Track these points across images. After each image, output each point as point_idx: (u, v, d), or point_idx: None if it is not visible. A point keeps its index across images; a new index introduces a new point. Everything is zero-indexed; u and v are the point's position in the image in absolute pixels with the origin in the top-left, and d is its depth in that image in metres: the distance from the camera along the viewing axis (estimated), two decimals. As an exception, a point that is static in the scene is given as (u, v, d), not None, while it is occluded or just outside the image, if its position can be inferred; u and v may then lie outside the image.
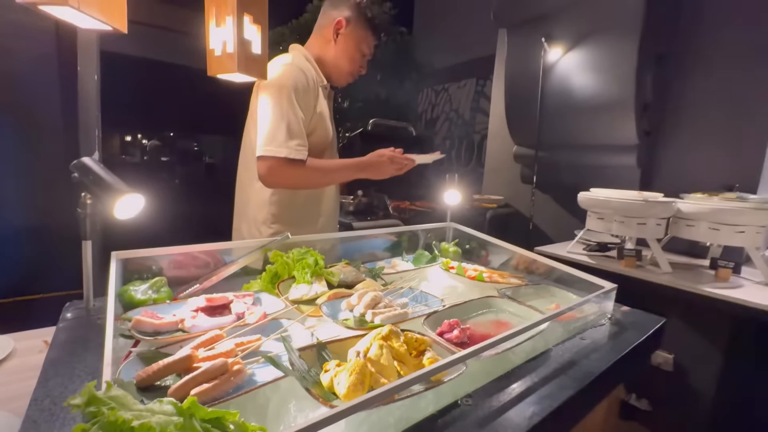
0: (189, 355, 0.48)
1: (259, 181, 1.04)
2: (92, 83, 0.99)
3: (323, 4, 1.22)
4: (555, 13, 1.82)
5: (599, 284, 0.83)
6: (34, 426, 0.40)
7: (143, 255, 0.72)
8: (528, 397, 0.52)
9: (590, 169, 2.01)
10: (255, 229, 1.12)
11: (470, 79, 4.87)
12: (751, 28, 1.60)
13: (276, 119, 1.00)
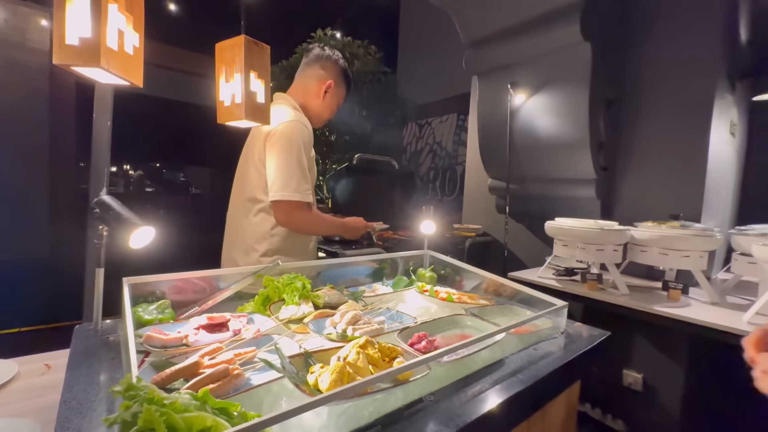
0: (197, 361, 0.57)
1: (258, 216, 1.22)
2: (105, 129, 1.11)
3: (308, 57, 1.42)
4: (518, 63, 2.06)
5: (553, 302, 0.96)
6: (67, 421, 0.49)
7: (149, 281, 0.81)
8: (481, 394, 0.63)
9: (556, 200, 2.19)
10: (254, 260, 1.23)
11: (452, 114, 5.19)
12: (683, 82, 1.86)
13: (289, 169, 1.19)
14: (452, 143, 5.23)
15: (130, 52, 0.84)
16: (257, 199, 1.25)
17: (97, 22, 0.75)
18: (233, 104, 1.00)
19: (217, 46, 1.06)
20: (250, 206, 1.26)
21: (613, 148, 2.06)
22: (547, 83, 1.98)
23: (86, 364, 0.64)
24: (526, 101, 2.09)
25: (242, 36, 0.99)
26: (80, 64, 0.77)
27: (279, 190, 1.18)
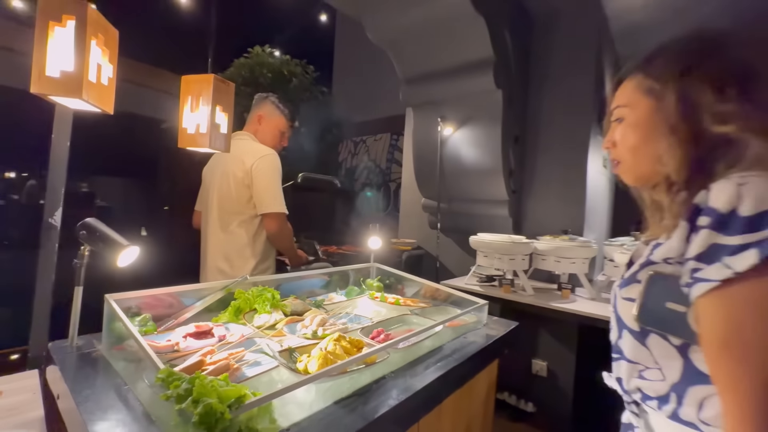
0: (200, 360, 0.68)
1: (240, 227, 1.50)
2: (64, 150, 1.11)
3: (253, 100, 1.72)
4: (446, 101, 2.42)
5: (477, 302, 1.21)
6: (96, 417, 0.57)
7: (130, 296, 0.87)
8: (426, 370, 0.83)
9: (478, 217, 2.57)
10: (241, 262, 1.49)
11: (385, 134, 5.52)
12: (568, 125, 2.37)
13: (277, 189, 1.53)
14: (386, 161, 5.52)
15: (105, 83, 0.92)
16: (238, 213, 1.51)
17: (81, 57, 0.82)
18: (197, 132, 1.10)
19: (183, 78, 1.15)
20: (230, 219, 1.52)
21: (521, 175, 2.51)
22: (469, 119, 2.36)
23: (83, 374, 0.70)
24: (453, 133, 2.45)
25: (211, 75, 1.11)
26: (61, 95, 0.83)
27: (271, 206, 1.49)
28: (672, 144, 0.53)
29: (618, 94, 0.63)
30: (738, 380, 0.41)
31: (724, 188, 0.45)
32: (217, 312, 1.05)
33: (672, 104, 0.53)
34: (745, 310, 0.41)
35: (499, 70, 2.13)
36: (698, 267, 0.45)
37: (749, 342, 0.40)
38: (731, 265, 0.42)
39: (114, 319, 0.79)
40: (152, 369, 0.64)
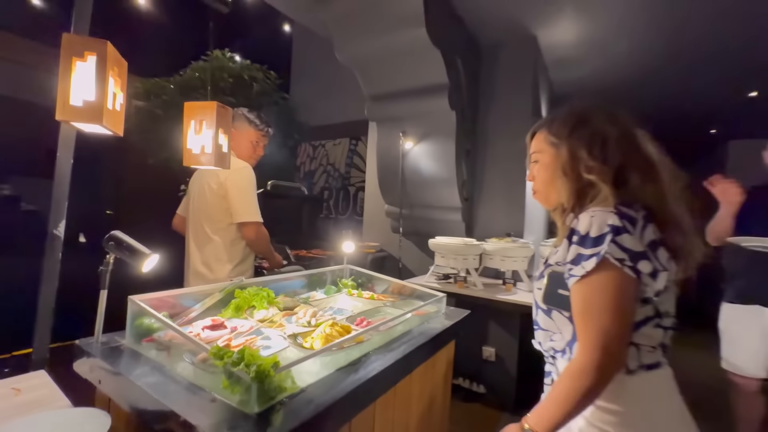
0: (227, 344, 0.86)
1: (216, 234, 1.64)
2: (68, 166, 1.20)
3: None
4: (407, 118, 2.69)
5: (436, 295, 1.47)
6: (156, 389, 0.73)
7: (146, 298, 1.01)
8: (400, 347, 1.07)
9: (436, 222, 2.87)
10: (219, 266, 1.66)
11: (345, 138, 5.66)
12: (509, 141, 2.75)
13: (252, 199, 1.67)
14: (345, 165, 5.67)
15: (118, 109, 1.05)
16: (215, 221, 1.66)
17: (101, 88, 0.96)
18: (202, 153, 1.26)
19: (186, 104, 1.30)
20: (207, 227, 1.67)
21: (472, 185, 2.85)
22: (427, 135, 2.65)
23: (123, 363, 0.85)
24: (413, 147, 2.72)
25: (214, 102, 1.26)
26: (83, 122, 0.96)
27: (246, 215, 1.63)
28: (564, 182, 0.80)
29: (534, 142, 0.90)
30: (586, 329, 0.69)
31: (584, 218, 0.73)
32: (217, 311, 1.20)
33: (564, 155, 0.80)
34: (592, 291, 0.69)
35: (452, 93, 2.44)
36: (571, 268, 0.72)
37: (593, 307, 0.69)
38: (585, 267, 0.69)
39: (141, 316, 0.93)
40: (193, 351, 0.81)
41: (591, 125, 0.79)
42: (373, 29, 2.25)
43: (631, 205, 0.72)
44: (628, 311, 0.68)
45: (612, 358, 0.66)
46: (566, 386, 0.68)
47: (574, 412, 0.68)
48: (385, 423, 0.99)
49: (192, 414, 0.65)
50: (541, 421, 0.69)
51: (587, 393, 0.66)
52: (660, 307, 0.72)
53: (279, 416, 0.67)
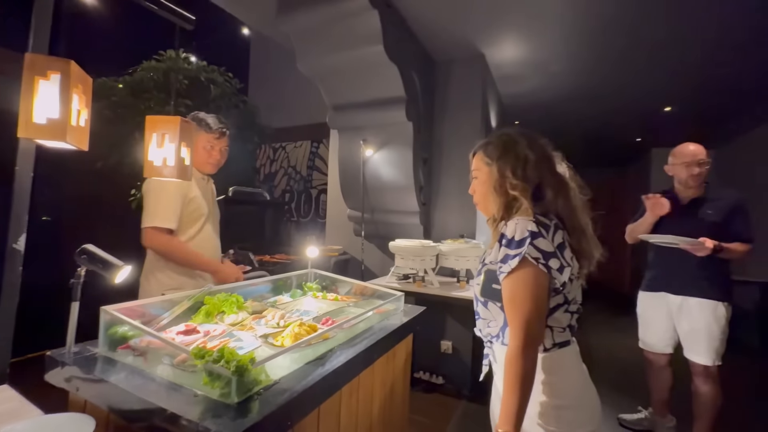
0: (203, 346, 0.93)
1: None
2: (27, 180, 1.19)
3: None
4: (368, 127, 2.83)
5: (395, 294, 1.62)
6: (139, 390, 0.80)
7: (118, 308, 1.05)
8: (363, 341, 1.19)
9: (395, 225, 3.03)
10: (151, 277, 1.60)
11: (306, 141, 5.67)
12: (461, 150, 2.98)
13: (151, 204, 1.54)
14: (307, 168, 5.68)
15: (83, 125, 1.09)
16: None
17: (65, 106, 1.00)
18: (164, 165, 1.31)
19: (148, 118, 1.33)
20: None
21: (429, 190, 3.05)
22: (387, 144, 2.81)
23: (100, 369, 0.90)
24: (373, 154, 2.87)
25: (178, 117, 1.32)
26: (47, 139, 0.99)
27: (143, 221, 1.53)
28: (495, 197, 0.97)
29: (474, 160, 1.07)
30: (514, 317, 0.85)
31: (510, 225, 0.90)
32: (187, 318, 1.26)
33: (495, 174, 0.97)
34: (516, 285, 0.85)
35: (409, 105, 2.61)
36: (501, 266, 0.89)
37: (517, 298, 0.86)
38: (511, 265, 0.86)
39: (114, 325, 0.99)
40: (172, 354, 0.88)
41: (515, 150, 0.96)
42: (334, 45, 2.37)
43: (546, 215, 0.90)
44: (543, 300, 0.85)
45: (533, 338, 0.82)
46: (510, 375, 0.80)
47: (526, 393, 0.80)
48: (350, 408, 1.11)
49: (177, 407, 0.74)
50: (508, 418, 0.78)
51: (526, 372, 0.80)
52: (568, 296, 0.91)
53: (256, 404, 0.77)
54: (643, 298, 2.18)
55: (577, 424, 0.88)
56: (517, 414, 0.78)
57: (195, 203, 1.65)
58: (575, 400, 0.90)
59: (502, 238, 0.90)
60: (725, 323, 1.89)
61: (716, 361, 1.89)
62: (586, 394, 0.93)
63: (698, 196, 1.97)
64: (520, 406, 0.79)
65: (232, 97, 5.15)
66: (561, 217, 0.92)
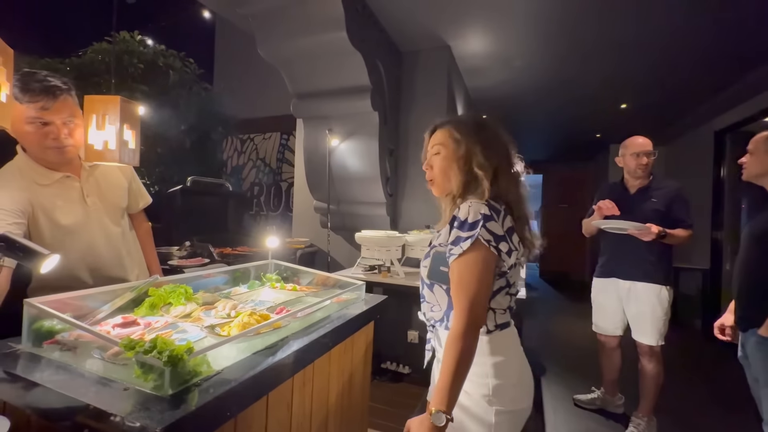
0: (141, 339, 0.88)
1: None
2: None
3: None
4: (333, 116, 2.78)
5: (355, 283, 1.60)
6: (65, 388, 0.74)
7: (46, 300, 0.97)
8: (317, 330, 1.17)
9: (362, 217, 3.01)
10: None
11: (275, 133, 5.51)
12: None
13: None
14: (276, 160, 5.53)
15: (4, 101, 0.99)
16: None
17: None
18: (106, 149, 1.22)
19: (86, 98, 1.24)
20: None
21: (395, 181, 3.04)
22: (353, 134, 2.77)
23: (21, 368, 0.82)
24: (339, 144, 2.82)
25: (118, 97, 1.23)
26: None
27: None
28: (457, 174, 0.97)
29: (437, 135, 1.04)
30: (460, 298, 0.86)
31: (464, 207, 0.90)
32: (129, 311, 1.18)
33: (462, 151, 0.97)
34: (466, 266, 0.86)
35: (374, 95, 2.59)
36: (451, 248, 0.89)
37: (465, 279, 0.86)
38: (463, 246, 0.86)
39: (41, 318, 0.91)
40: (103, 347, 0.82)
41: (486, 132, 0.98)
42: (295, 30, 2.29)
43: (497, 200, 0.92)
44: (488, 283, 0.87)
45: (477, 319, 0.84)
46: (451, 352, 0.81)
47: (463, 373, 0.81)
48: (303, 397, 1.09)
49: (103, 402, 0.68)
50: (442, 398, 0.78)
51: (466, 352, 0.81)
52: (510, 280, 0.94)
53: (194, 395, 0.73)
54: (596, 284, 2.29)
55: (518, 400, 0.93)
56: (450, 394, 0.78)
57: (49, 215, 1.20)
58: (517, 378, 0.94)
59: (454, 220, 0.91)
60: (668, 306, 2.02)
61: (660, 342, 2.01)
62: (525, 372, 0.97)
63: (644, 186, 2.08)
64: (457, 387, 0.80)
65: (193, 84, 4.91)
66: (509, 205, 0.94)
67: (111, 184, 1.40)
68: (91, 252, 1.30)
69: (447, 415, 0.77)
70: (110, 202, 1.39)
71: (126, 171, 1.47)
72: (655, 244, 1.92)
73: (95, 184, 1.34)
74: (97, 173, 1.36)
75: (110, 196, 1.39)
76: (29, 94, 1.11)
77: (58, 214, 1.22)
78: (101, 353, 0.84)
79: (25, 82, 1.11)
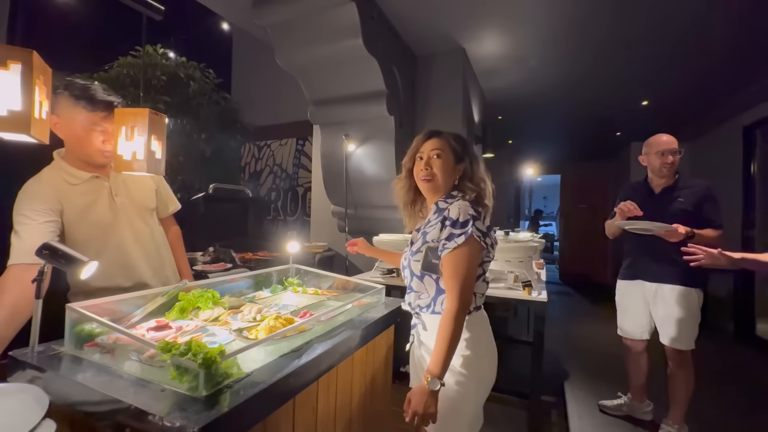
0: (173, 341, 0.91)
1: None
2: None
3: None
4: (349, 122, 2.81)
5: (375, 287, 1.61)
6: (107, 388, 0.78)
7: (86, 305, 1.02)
8: (340, 334, 1.19)
9: (379, 220, 3.03)
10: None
11: (291, 139, 5.61)
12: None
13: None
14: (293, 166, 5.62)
15: (44, 117, 1.05)
16: None
17: (28, 98, 0.96)
18: (134, 159, 1.27)
19: (117, 110, 1.30)
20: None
21: (412, 184, 3.05)
22: (369, 138, 2.80)
23: (66, 368, 0.87)
24: (356, 149, 2.85)
25: (146, 109, 1.28)
26: (10, 131, 0.95)
27: None
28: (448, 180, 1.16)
29: (436, 141, 1.20)
30: (454, 284, 1.02)
31: (454, 208, 1.08)
32: (160, 315, 1.23)
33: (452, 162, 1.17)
34: (459, 259, 1.03)
35: (390, 100, 2.61)
36: (445, 243, 1.06)
37: (458, 269, 1.03)
38: (457, 242, 1.04)
39: (81, 323, 0.95)
40: (140, 350, 0.86)
41: (468, 149, 1.21)
42: (312, 38, 2.34)
43: (477, 203, 1.13)
44: (475, 270, 1.07)
45: (468, 300, 1.04)
46: (446, 329, 0.99)
47: (455, 346, 1.00)
48: (328, 400, 1.11)
49: (143, 402, 0.72)
50: (438, 367, 0.97)
51: (458, 329, 1.00)
52: (485, 268, 1.14)
53: (226, 396, 0.76)
54: (621, 286, 2.23)
55: (487, 371, 1.15)
56: (445, 363, 0.98)
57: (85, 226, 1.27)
58: (487, 351, 1.15)
59: (446, 220, 1.08)
60: (698, 309, 1.95)
61: (690, 346, 1.94)
62: (491, 346, 1.18)
63: (670, 185, 2.02)
64: (449, 358, 0.99)
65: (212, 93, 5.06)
66: (485, 207, 1.16)
67: (138, 185, 1.47)
68: (121, 249, 1.35)
69: (441, 381, 0.97)
70: (138, 201, 1.44)
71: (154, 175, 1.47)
72: (683, 244, 1.86)
73: (123, 185, 1.41)
74: (125, 175, 1.41)
75: (138, 196, 1.45)
76: (94, 104, 1.24)
77: (89, 212, 1.29)
78: (138, 355, 0.88)
79: (93, 94, 1.25)
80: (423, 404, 0.96)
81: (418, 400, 0.97)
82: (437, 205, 1.16)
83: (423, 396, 0.96)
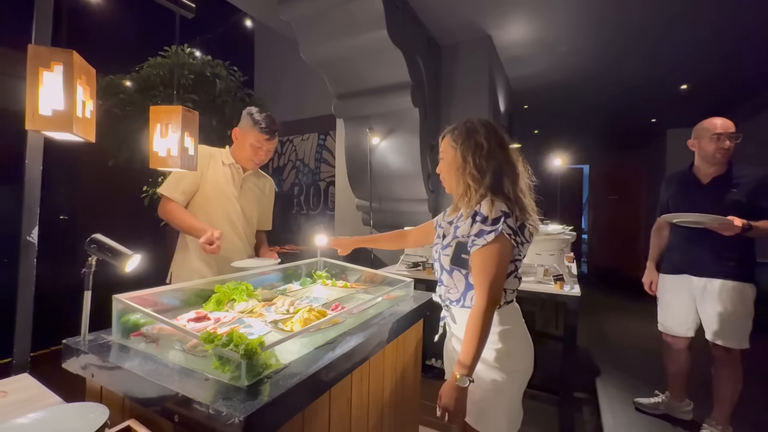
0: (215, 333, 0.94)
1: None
2: (37, 173, 1.20)
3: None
4: (373, 115, 2.79)
5: (404, 280, 1.61)
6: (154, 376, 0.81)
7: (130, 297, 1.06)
8: (373, 326, 1.19)
9: (404, 213, 3.01)
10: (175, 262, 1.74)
11: (313, 134, 5.65)
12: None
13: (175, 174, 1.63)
14: (314, 161, 5.67)
15: (88, 116, 1.09)
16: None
17: (70, 98, 0.99)
18: (168, 155, 1.31)
19: (152, 108, 1.33)
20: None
21: (437, 177, 3.01)
22: (393, 131, 2.77)
23: (115, 356, 0.91)
24: (380, 142, 2.84)
25: (180, 107, 1.31)
26: (53, 130, 0.99)
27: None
28: (457, 178, 1.14)
29: (442, 143, 1.21)
30: (483, 281, 1.01)
31: (485, 205, 1.06)
32: (198, 306, 1.27)
33: (459, 156, 1.12)
34: (489, 255, 1.01)
35: (415, 91, 2.57)
36: (474, 239, 1.04)
37: (488, 266, 1.01)
38: (486, 239, 1.02)
39: (127, 313, 1.00)
40: (183, 340, 0.89)
41: (475, 137, 1.11)
42: (336, 32, 2.33)
43: (509, 199, 1.07)
44: (505, 268, 1.04)
45: (497, 298, 1.02)
46: (474, 326, 0.98)
47: (483, 343, 0.99)
48: (361, 392, 1.11)
49: (189, 390, 0.74)
50: (465, 364, 0.97)
51: (487, 325, 0.99)
52: (518, 265, 1.11)
53: (266, 387, 0.77)
54: (664, 281, 2.13)
55: (521, 361, 1.13)
56: (473, 359, 0.97)
57: (212, 185, 1.68)
58: (519, 343, 1.14)
59: (476, 215, 1.06)
60: (751, 305, 1.83)
61: (742, 345, 1.83)
62: (526, 338, 1.17)
63: (721, 174, 1.89)
64: (478, 354, 0.98)
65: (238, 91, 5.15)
66: (517, 201, 1.08)
67: (261, 188, 1.88)
68: (226, 221, 1.71)
69: (470, 378, 0.97)
70: (253, 198, 1.82)
71: (271, 194, 1.96)
72: (736, 237, 1.74)
73: (252, 181, 1.82)
74: (257, 178, 1.86)
75: (257, 192, 1.85)
76: (266, 131, 1.69)
77: (220, 183, 1.69)
78: (182, 345, 0.91)
79: (269, 122, 1.70)
80: (453, 400, 0.98)
81: (448, 396, 0.99)
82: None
83: (452, 392, 0.98)
